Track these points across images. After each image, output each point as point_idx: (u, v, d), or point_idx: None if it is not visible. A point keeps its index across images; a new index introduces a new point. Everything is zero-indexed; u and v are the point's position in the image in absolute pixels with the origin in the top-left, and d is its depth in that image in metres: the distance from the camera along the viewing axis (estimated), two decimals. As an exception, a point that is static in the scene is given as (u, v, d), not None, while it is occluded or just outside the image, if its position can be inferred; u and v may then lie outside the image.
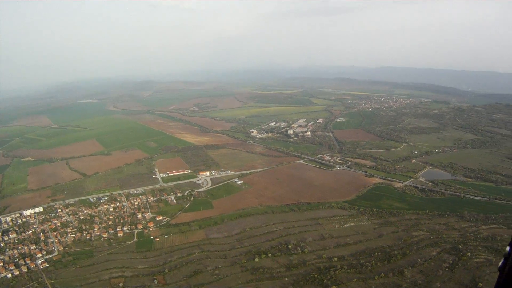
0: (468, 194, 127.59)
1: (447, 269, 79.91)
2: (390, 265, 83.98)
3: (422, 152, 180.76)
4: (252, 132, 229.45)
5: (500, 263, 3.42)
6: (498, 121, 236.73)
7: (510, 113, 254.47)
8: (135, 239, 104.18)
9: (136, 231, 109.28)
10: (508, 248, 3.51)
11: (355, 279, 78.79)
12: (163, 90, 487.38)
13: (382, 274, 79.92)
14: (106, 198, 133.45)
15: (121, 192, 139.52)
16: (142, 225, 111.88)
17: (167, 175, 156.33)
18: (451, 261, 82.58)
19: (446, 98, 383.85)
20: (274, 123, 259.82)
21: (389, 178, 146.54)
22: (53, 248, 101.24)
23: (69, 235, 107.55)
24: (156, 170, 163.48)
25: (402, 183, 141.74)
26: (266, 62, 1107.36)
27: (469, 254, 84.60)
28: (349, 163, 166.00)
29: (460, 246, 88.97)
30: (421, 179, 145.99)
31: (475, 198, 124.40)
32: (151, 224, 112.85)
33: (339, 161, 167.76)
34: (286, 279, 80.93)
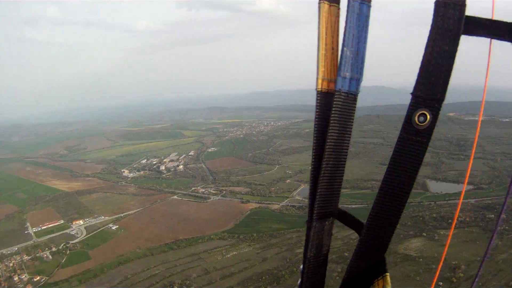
0: (345, 204, 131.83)
1: (337, 277, 78.96)
2: (280, 286, 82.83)
3: (296, 171, 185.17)
4: (124, 172, 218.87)
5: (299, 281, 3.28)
6: (369, 132, 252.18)
7: (380, 122, 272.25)
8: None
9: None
10: (301, 267, 3.47)
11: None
12: (32, 134, 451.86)
13: (274, 297, 78.01)
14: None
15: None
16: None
17: (40, 229, 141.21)
18: (340, 270, 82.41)
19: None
20: (145, 160, 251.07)
21: (265, 202, 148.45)
22: None
23: None
24: (28, 224, 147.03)
25: (279, 204, 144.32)
26: (137, 96, 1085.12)
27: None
28: (224, 192, 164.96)
29: (346, 254, 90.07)
30: (297, 198, 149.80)
31: (353, 206, 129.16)
32: (29, 287, 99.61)
33: (214, 192, 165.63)
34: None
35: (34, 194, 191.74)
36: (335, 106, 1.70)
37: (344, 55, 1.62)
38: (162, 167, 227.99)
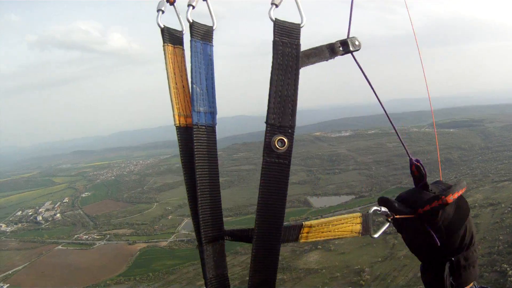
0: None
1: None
2: None
3: (176, 206, 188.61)
4: (1, 226, 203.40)
5: None
6: (240, 159, 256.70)
7: (248, 149, 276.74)
8: None
9: None
10: None
11: None
12: None
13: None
14: None
15: None
16: None
17: None
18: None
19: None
20: (20, 211, 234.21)
21: (152, 240, 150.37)
22: None
23: None
24: None
25: (167, 240, 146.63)
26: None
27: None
28: (108, 236, 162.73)
29: (247, 278, 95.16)
30: (183, 232, 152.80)
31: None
32: None
33: (97, 237, 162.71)
34: None
35: None
36: (195, 139, 1.62)
37: (195, 92, 1.62)
38: (39, 218, 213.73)
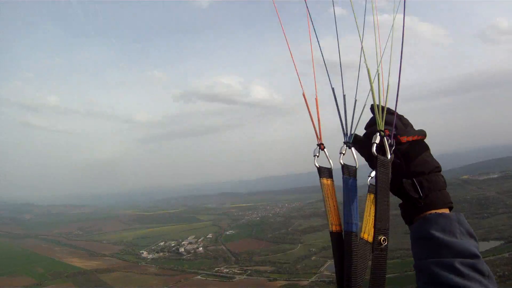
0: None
1: None
2: None
3: (320, 248, 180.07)
4: (143, 253, 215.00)
5: None
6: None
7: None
8: None
9: None
10: None
11: None
12: (44, 213, 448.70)
13: None
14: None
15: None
16: None
17: None
18: None
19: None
20: (163, 242, 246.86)
21: (293, 279, 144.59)
22: None
23: None
24: None
25: (308, 280, 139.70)
26: (144, 183, 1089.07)
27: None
28: (249, 271, 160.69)
29: None
30: (326, 273, 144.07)
31: (389, 276, 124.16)
32: None
33: (238, 272, 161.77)
34: None
35: (52, 269, 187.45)
36: (351, 242, 1.96)
37: (347, 210, 1.96)
38: (181, 249, 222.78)
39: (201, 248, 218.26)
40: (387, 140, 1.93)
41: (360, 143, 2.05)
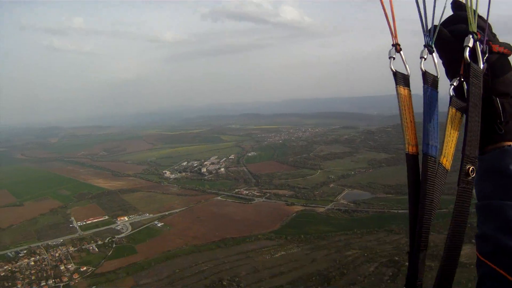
0: (391, 209, 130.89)
1: (388, 281, 79.72)
2: (331, 287, 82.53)
3: (339, 176, 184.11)
4: (166, 173, 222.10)
5: None
6: None
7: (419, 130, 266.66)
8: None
9: (62, 284, 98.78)
10: None
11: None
12: (70, 136, 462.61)
13: (325, 296, 78.66)
14: (25, 251, 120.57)
15: (40, 244, 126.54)
16: (67, 278, 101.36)
17: (84, 223, 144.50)
18: (391, 273, 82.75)
19: (354, 123, 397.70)
20: (186, 162, 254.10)
21: (310, 205, 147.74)
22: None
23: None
24: (73, 218, 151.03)
25: (324, 207, 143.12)
26: (169, 103, 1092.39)
27: (407, 263, 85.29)
28: (268, 194, 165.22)
29: (397, 258, 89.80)
30: (342, 201, 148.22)
31: (399, 211, 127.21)
32: (76, 276, 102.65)
33: (257, 194, 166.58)
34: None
35: (77, 191, 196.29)
36: (427, 166, 1.79)
37: (426, 129, 1.83)
38: (204, 169, 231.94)
39: (222, 169, 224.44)
40: (479, 46, 1.67)
41: (445, 42, 1.80)
